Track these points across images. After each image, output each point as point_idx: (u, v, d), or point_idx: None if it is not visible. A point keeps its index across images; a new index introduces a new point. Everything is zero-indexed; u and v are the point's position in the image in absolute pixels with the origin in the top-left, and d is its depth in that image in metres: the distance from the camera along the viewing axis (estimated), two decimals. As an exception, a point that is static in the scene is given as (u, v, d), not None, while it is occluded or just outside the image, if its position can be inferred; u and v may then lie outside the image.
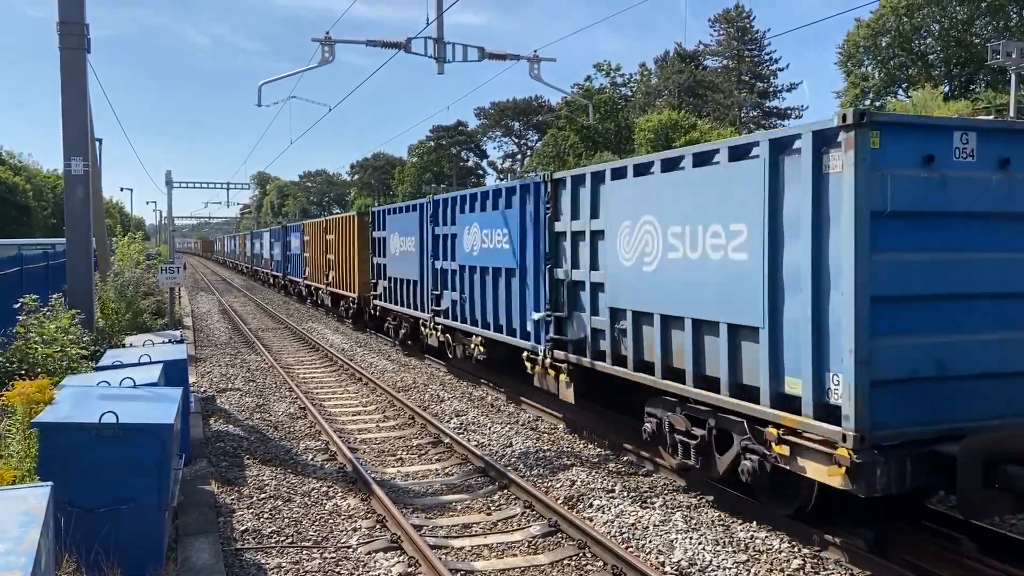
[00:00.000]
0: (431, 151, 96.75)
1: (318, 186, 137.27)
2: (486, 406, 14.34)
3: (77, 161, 14.28)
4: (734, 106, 73.44)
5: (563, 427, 12.56)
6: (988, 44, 36.90)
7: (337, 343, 22.95)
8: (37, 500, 4.28)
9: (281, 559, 7.51)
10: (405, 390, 15.82)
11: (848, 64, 59.28)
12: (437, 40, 16.42)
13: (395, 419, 13.55)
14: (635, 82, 78.43)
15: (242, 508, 8.90)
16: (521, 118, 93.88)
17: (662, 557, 7.47)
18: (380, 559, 7.53)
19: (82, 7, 14.17)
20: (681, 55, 74.33)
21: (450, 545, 7.92)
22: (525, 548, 7.88)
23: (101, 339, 15.16)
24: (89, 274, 14.92)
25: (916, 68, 56.63)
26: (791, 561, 7.31)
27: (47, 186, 71.95)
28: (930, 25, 55.56)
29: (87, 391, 7.54)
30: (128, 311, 20.12)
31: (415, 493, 9.55)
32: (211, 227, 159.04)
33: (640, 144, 53.18)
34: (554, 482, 9.73)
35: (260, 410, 14.08)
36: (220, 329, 27.11)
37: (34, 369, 10.55)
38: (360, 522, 8.50)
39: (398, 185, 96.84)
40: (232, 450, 11.27)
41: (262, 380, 17.13)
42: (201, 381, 16.63)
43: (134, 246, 28.92)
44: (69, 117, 14.29)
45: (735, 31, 76.15)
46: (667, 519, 8.35)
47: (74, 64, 14.25)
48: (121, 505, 6.25)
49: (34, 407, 7.25)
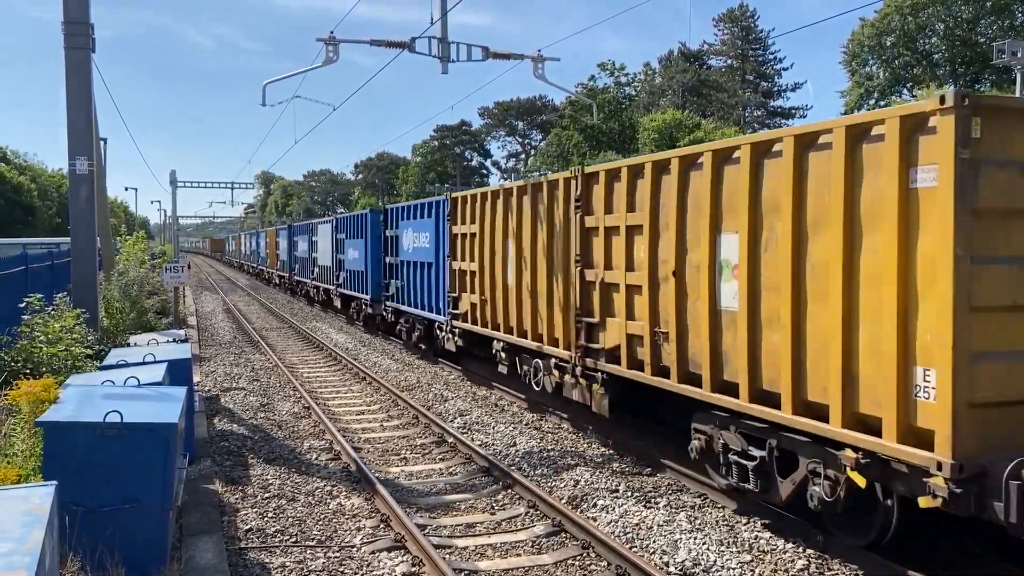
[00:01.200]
0: (435, 151, 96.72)
1: (322, 185, 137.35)
2: (490, 406, 14.33)
3: (82, 160, 14.32)
4: (738, 106, 73.34)
5: (567, 427, 12.55)
6: (993, 43, 36.81)
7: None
8: (41, 499, 4.28)
9: (285, 558, 7.51)
10: (409, 389, 15.82)
11: (853, 64, 59.15)
12: (441, 40, 16.40)
13: (399, 418, 13.55)
14: (639, 82, 78.39)
15: (246, 507, 8.90)
16: (525, 118, 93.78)
17: (666, 557, 7.45)
18: (384, 559, 7.53)
19: (87, 7, 14.21)
20: (685, 54, 74.26)
21: (454, 545, 7.91)
22: (529, 548, 7.87)
23: (105, 338, 15.19)
24: (94, 273, 14.95)
25: (921, 68, 56.48)
26: (795, 561, 7.30)
27: (52, 186, 72.14)
28: (935, 24, 55.41)
29: (92, 390, 7.55)
30: (132, 310, 20.17)
31: (419, 493, 9.54)
32: (215, 226, 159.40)
33: (644, 144, 53.14)
34: (558, 482, 9.72)
35: (264, 409, 14.09)
36: (224, 328, 27.13)
37: (39, 368, 10.58)
38: (364, 521, 8.50)
39: (402, 185, 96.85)
40: (236, 449, 11.28)
41: (266, 379, 17.14)
42: (205, 380, 16.64)
43: (139, 245, 28.95)
44: (74, 117, 14.33)
45: (739, 31, 76.04)
46: (671, 519, 8.34)
47: (79, 64, 14.29)
48: (125, 504, 6.26)
49: (39, 406, 7.27)
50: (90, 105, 14.73)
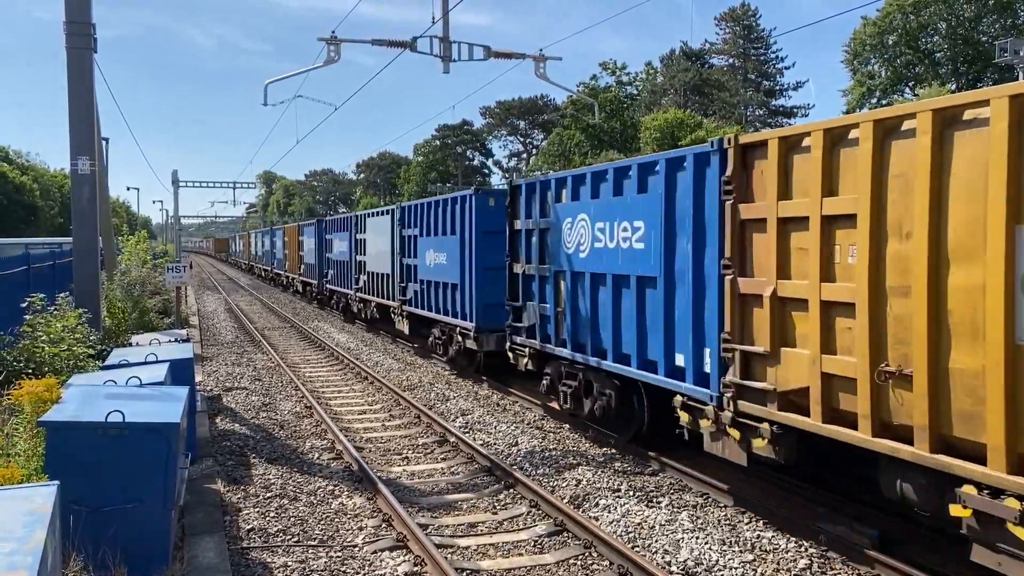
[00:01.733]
0: (437, 150, 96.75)
1: (324, 185, 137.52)
2: (492, 405, 14.33)
3: (84, 160, 14.32)
4: (740, 105, 73.27)
5: (568, 427, 12.54)
6: (995, 42, 36.77)
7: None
8: (43, 499, 4.28)
9: (287, 558, 7.51)
10: (411, 389, 15.82)
11: (855, 62, 59.13)
12: (443, 39, 16.42)
13: (401, 418, 13.55)
14: (641, 81, 78.36)
15: (248, 507, 8.91)
16: (526, 117, 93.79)
17: (668, 557, 7.45)
18: (386, 558, 7.53)
19: (89, 7, 14.21)
20: (687, 54, 74.21)
21: (456, 544, 7.91)
22: (531, 547, 7.87)
23: (107, 338, 15.20)
24: (96, 273, 14.96)
25: (923, 66, 56.45)
26: (798, 561, 7.29)
27: (54, 185, 72.23)
28: (937, 23, 55.36)
29: (94, 390, 7.55)
30: (134, 310, 20.21)
31: (421, 492, 9.54)
32: (217, 226, 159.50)
33: (646, 143, 53.12)
34: (560, 481, 9.72)
35: (266, 409, 14.09)
36: (226, 328, 27.14)
37: (41, 368, 10.59)
38: (366, 521, 8.50)
39: (403, 184, 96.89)
40: (238, 449, 11.29)
41: (268, 379, 17.15)
42: (207, 380, 16.65)
43: (141, 245, 28.99)
44: (76, 117, 14.34)
45: (741, 30, 75.97)
46: (673, 519, 8.33)
47: (81, 64, 14.29)
48: (127, 504, 6.26)
49: (41, 406, 7.27)
50: (92, 105, 14.74)
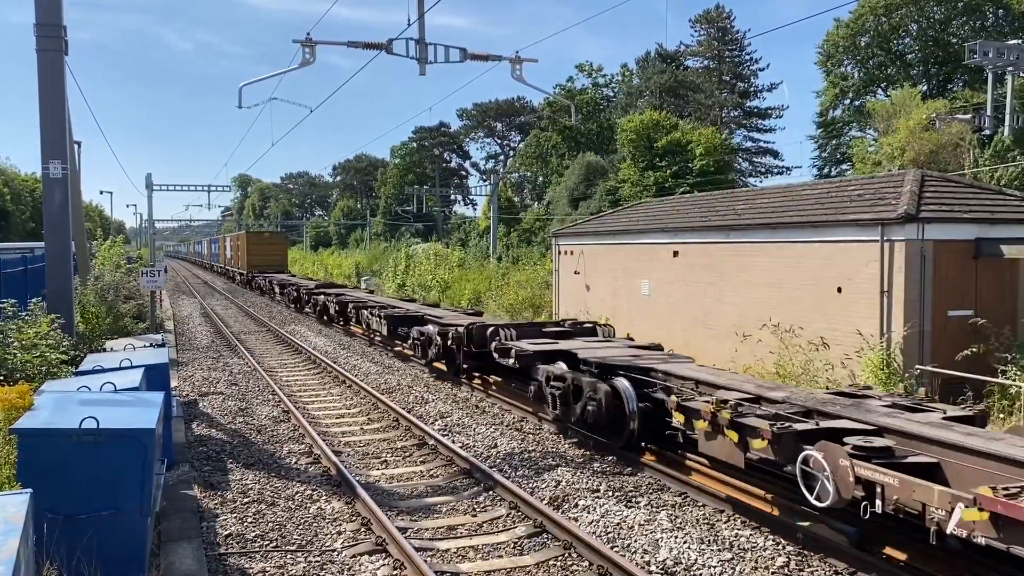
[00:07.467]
0: (414, 152, 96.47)
1: (300, 188, 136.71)
2: (470, 407, 14.31)
3: (55, 164, 14.16)
4: (715, 106, 73.70)
5: (548, 428, 12.56)
6: (965, 44, 37.29)
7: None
8: (16, 508, 4.23)
9: (265, 563, 7.46)
10: (389, 392, 15.77)
11: (828, 64, 59.63)
12: (419, 41, 16.41)
13: (379, 421, 13.50)
14: (617, 83, 78.62)
15: (225, 513, 8.83)
16: (504, 119, 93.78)
17: (648, 556, 7.48)
18: (365, 562, 7.50)
19: (59, 9, 14.06)
20: (662, 56, 74.50)
21: (435, 547, 7.90)
22: (511, 549, 7.86)
23: (81, 344, 15.03)
24: (69, 278, 14.79)
25: (895, 67, 57.08)
26: (775, 559, 7.35)
27: (25, 190, 71.07)
28: (908, 25, 56.00)
29: (67, 396, 7.46)
30: (109, 315, 19.98)
31: (400, 495, 9.51)
32: (192, 230, 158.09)
33: (623, 144, 53.28)
34: (539, 482, 9.73)
35: (243, 414, 13.99)
36: (203, 333, 26.91)
37: (13, 375, 10.45)
38: (345, 525, 8.46)
39: (380, 187, 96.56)
40: (215, 454, 11.19)
41: (244, 383, 17.02)
42: (183, 385, 16.50)
43: (115, 249, 28.69)
44: (47, 120, 14.17)
45: (716, 32, 76.42)
46: (652, 518, 8.37)
47: (52, 66, 14.13)
48: (103, 511, 6.19)
49: (13, 413, 7.17)
50: (63, 108, 14.57)
